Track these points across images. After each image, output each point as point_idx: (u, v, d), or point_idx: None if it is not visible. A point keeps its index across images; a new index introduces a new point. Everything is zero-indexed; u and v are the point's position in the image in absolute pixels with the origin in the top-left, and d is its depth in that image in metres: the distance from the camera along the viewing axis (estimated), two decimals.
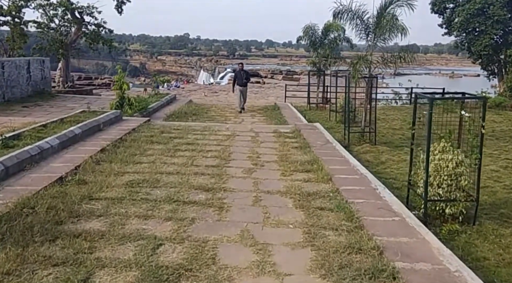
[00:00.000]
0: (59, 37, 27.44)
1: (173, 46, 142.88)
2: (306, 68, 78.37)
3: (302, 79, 54.38)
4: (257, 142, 9.36)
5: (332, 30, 17.65)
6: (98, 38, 28.75)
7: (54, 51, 27.33)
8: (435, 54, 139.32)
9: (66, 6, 26.35)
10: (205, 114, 15.40)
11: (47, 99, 18.57)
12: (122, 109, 13.09)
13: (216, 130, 10.47)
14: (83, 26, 28.03)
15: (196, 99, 31.88)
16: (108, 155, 7.62)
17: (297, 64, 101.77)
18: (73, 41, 28.39)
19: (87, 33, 28.50)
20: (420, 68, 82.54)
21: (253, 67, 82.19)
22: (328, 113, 16.67)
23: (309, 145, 8.77)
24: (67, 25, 28.22)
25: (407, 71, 62.89)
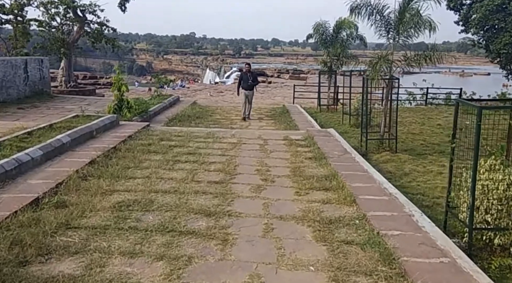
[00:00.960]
0: (60, 36, 26.66)
1: (179, 45, 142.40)
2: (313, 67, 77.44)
3: (309, 78, 53.33)
4: (266, 151, 8.38)
5: (344, 28, 16.63)
6: (100, 37, 27.93)
7: (55, 50, 26.54)
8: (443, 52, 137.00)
9: (67, 4, 25.49)
10: (210, 117, 14.44)
11: (45, 101, 17.71)
12: (120, 113, 12.15)
13: (220, 137, 9.50)
14: (86, 24, 27.22)
15: (202, 99, 31.01)
16: (98, 168, 6.67)
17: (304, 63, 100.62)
18: (76, 40, 27.57)
19: (90, 32, 27.72)
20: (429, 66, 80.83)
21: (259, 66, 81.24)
22: (340, 115, 15.68)
23: (325, 156, 7.77)
24: (69, 24, 27.43)
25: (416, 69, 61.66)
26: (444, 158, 9.90)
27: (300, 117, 14.22)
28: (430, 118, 16.05)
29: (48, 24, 26.42)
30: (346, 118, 14.41)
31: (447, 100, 22.25)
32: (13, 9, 25.17)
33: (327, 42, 17.09)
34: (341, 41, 16.93)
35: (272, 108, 16.90)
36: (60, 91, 26.67)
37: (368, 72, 10.11)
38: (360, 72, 15.69)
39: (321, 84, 18.12)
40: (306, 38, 17.46)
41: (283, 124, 13.01)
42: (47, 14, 26.19)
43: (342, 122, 14.07)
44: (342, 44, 16.85)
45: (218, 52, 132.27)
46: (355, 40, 17.06)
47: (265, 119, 14.30)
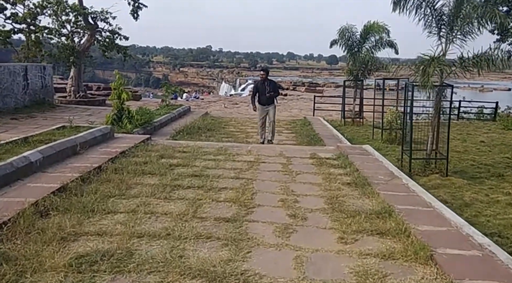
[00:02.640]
0: (70, 44, 25.41)
1: (195, 58, 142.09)
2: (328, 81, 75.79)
3: (325, 91, 51.53)
4: (291, 172, 6.56)
5: (373, 33, 14.82)
6: (112, 45, 26.63)
7: (64, 59, 25.28)
8: None
9: (78, 11, 24.22)
10: (222, 129, 12.70)
11: (45, 110, 16.20)
12: (119, 124, 10.49)
13: (234, 154, 7.72)
14: (97, 32, 25.95)
15: (216, 111, 29.31)
16: (68, 197, 4.93)
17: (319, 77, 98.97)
18: (86, 48, 26.27)
19: (101, 40, 26.45)
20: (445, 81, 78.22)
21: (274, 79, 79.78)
22: (367, 129, 13.83)
23: (368, 181, 5.92)
24: (80, 32, 26.20)
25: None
26: (506, 183, 7.98)
27: (324, 130, 12.39)
28: (469, 134, 14.10)
29: (58, 31, 25.24)
30: (376, 133, 12.52)
31: (480, 114, 20.23)
32: (25, 17, 24.08)
33: (353, 48, 15.28)
34: (369, 48, 15.12)
35: (291, 120, 15.09)
36: (68, 101, 25.32)
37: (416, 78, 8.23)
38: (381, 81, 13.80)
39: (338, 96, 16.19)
40: (329, 44, 15.77)
41: (306, 138, 11.19)
42: (57, 21, 25.03)
43: (373, 137, 12.16)
44: (370, 51, 15.04)
45: (234, 65, 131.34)
46: (385, 46, 15.20)
47: (284, 132, 12.49)
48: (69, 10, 24.41)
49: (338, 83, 64.87)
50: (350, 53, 15.40)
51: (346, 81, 15.98)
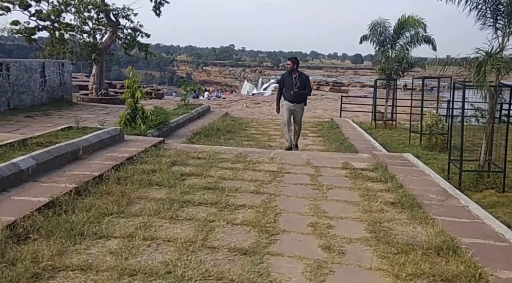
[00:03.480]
0: (92, 41, 25.00)
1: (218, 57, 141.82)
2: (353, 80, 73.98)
3: (350, 91, 50.11)
4: (321, 187, 5.58)
5: (408, 27, 13.64)
6: (133, 43, 26.10)
7: (85, 56, 24.88)
8: None
9: (99, 7, 23.71)
10: (243, 131, 11.77)
11: (62, 108, 15.59)
12: (133, 124, 9.68)
13: (255, 162, 6.77)
14: (118, 29, 25.45)
15: (237, 110, 28.46)
16: (55, 215, 4.08)
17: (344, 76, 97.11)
18: (108, 45, 25.83)
19: (122, 37, 25.95)
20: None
21: None
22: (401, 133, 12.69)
23: (417, 201, 4.88)
24: (101, 29, 25.76)
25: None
26: None
27: (355, 134, 11.33)
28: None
29: (80, 28, 24.85)
30: (414, 138, 11.35)
31: None
32: (49, 15, 23.80)
33: (385, 45, 14.14)
34: (403, 44, 13.95)
35: (317, 122, 14.04)
36: (90, 99, 24.90)
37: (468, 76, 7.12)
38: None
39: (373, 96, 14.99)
40: (359, 40, 14.64)
41: (335, 143, 10.16)
42: (79, 18, 24.63)
43: (409, 143, 11.00)
44: (405, 47, 13.86)
45: (256, 64, 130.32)
46: (421, 42, 13.98)
47: (310, 135, 11.49)
48: (91, 7, 23.96)
49: (363, 83, 63.30)
50: (382, 50, 14.25)
51: (378, 81, 14.77)
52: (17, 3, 22.89)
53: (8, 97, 13.99)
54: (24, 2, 22.98)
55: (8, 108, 13.87)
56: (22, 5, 23.03)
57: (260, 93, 65.52)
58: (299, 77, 8.63)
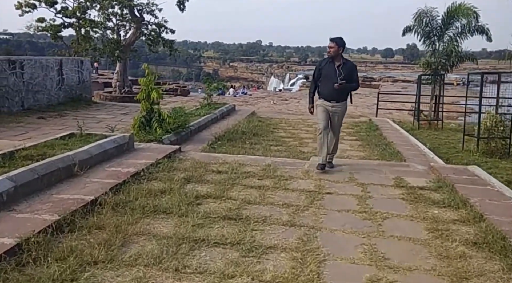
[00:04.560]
0: (115, 38, 24.31)
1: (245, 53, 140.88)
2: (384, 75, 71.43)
3: (382, 86, 48.15)
4: (374, 215, 4.32)
5: (458, 17, 12.10)
6: (158, 39, 25.27)
7: (108, 53, 24.20)
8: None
9: (123, 2, 22.91)
10: (271, 134, 10.55)
11: (79, 108, 14.73)
12: (147, 129, 8.62)
13: (286, 178, 5.57)
14: (143, 25, 24.65)
15: (264, 107, 27.27)
16: (16, 268, 3.00)
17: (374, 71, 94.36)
18: (132, 42, 25.07)
19: (146, 33, 25.15)
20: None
21: None
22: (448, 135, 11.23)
23: (508, 241, 3.59)
24: (125, 25, 25.02)
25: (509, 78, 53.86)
26: None
27: (398, 138, 9.95)
28: None
29: (104, 25, 24.18)
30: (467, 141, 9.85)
31: None
32: (75, 11, 23.26)
33: (431, 36, 12.62)
34: (452, 35, 12.41)
35: (353, 122, 12.67)
36: (113, 97, 24.24)
37: None
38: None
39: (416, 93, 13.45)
40: (402, 32, 13.11)
41: (377, 149, 8.82)
42: (103, 14, 23.97)
43: (463, 147, 9.52)
44: (454, 39, 12.32)
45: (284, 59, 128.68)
46: (473, 33, 12.38)
47: (347, 139, 10.17)
48: (115, 3, 23.21)
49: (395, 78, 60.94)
50: (429, 42, 12.73)
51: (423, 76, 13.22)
52: (43, 0, 22.49)
53: (22, 97, 13.20)
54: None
55: (22, 108, 13.08)
56: (48, 2, 22.67)
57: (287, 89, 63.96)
58: (344, 66, 6.03)
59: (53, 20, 23.41)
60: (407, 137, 10.03)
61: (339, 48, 6.04)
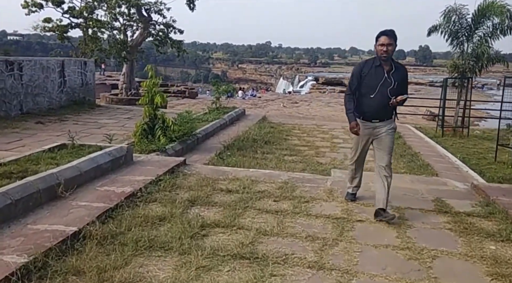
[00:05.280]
0: (122, 38, 23.67)
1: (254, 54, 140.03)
2: None
3: None
4: (420, 253, 3.50)
5: (490, 15, 11.17)
6: (166, 39, 24.58)
7: (115, 54, 23.60)
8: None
9: (130, 1, 22.23)
10: (284, 142, 9.75)
11: (81, 112, 14.03)
12: (149, 137, 7.87)
13: (307, 199, 4.77)
14: (150, 25, 23.99)
15: (273, 110, 26.52)
16: None
17: None
18: (139, 43, 24.42)
19: (154, 34, 24.47)
20: None
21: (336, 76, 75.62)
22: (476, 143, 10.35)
23: None
24: (133, 25, 24.35)
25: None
26: None
27: (424, 147, 9.11)
28: None
29: (110, 25, 23.54)
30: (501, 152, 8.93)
31: None
32: (82, 11, 22.67)
33: (460, 36, 11.70)
34: (482, 35, 11.49)
35: None
36: (119, 99, 23.63)
37: None
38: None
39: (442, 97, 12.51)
40: (427, 32, 12.18)
41: (402, 159, 7.98)
42: (110, 13, 23.31)
43: (496, 159, 8.61)
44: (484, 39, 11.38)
45: (293, 61, 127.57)
46: (507, 33, 11.41)
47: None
48: (122, 2, 22.56)
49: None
50: (457, 43, 11.79)
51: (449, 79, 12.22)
52: (50, 0, 21.95)
53: (21, 100, 12.51)
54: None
55: (20, 112, 12.40)
56: (55, 1, 22.07)
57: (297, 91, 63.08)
58: (396, 72, 4.42)
59: (60, 20, 22.85)
60: (434, 146, 9.18)
61: (394, 45, 4.39)
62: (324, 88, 55.14)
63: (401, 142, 9.63)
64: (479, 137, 11.43)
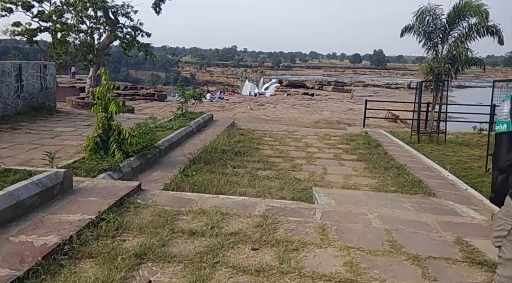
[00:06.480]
0: (88, 41, 21.77)
1: (221, 58, 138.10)
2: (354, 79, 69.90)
3: (354, 91, 46.59)
4: None
5: (465, 15, 10.12)
6: (133, 42, 22.78)
7: (80, 57, 21.70)
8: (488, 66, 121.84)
9: (96, 3, 20.40)
10: (255, 152, 8.34)
11: (38, 119, 12.14)
12: (101, 153, 6.28)
13: (296, 245, 3.36)
14: (117, 29, 22.13)
15: (241, 113, 25.11)
16: None
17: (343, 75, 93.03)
18: (106, 46, 22.45)
19: (121, 37, 22.62)
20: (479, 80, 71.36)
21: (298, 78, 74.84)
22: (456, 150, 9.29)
23: None
24: (99, 28, 22.43)
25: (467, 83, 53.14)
26: None
27: (407, 157, 7.90)
28: None
29: (77, 27, 21.65)
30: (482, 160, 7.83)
31: None
32: (51, 15, 20.84)
33: (434, 37, 10.61)
34: (457, 36, 10.44)
35: (347, 135, 10.54)
36: (86, 103, 21.61)
37: None
38: None
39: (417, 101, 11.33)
40: (400, 32, 11.06)
41: (388, 173, 6.71)
42: (76, 16, 21.44)
43: (486, 170, 7.45)
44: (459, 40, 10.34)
45: (258, 64, 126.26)
46: (483, 34, 10.38)
47: (347, 159, 8.04)
48: (89, 4, 20.73)
49: (365, 82, 59.46)
50: (431, 45, 10.70)
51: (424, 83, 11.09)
52: (19, 4, 20.67)
53: None
54: (27, 2, 20.87)
55: None
56: (24, 5, 20.96)
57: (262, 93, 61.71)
58: None
59: (29, 24, 21.28)
60: (417, 156, 7.98)
61: None
62: (288, 90, 54.00)
63: (382, 151, 8.39)
64: (455, 143, 10.38)
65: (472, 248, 3.37)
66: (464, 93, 39.72)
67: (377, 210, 4.32)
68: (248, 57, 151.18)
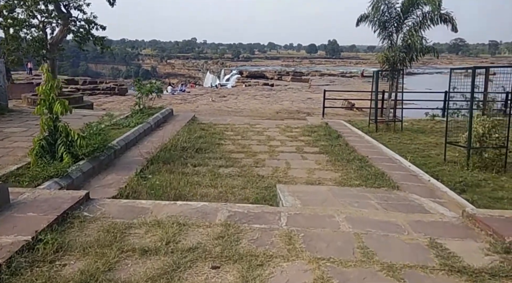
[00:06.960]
0: (40, 36, 20.33)
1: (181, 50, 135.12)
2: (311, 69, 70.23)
3: (312, 80, 46.68)
4: None
5: (419, 3, 9.94)
6: (87, 36, 21.46)
7: (33, 53, 20.26)
8: None
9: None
10: (217, 148, 7.84)
11: None
12: (48, 157, 5.59)
13: (260, 259, 2.94)
14: (70, 22, 20.74)
15: (203, 105, 24.42)
16: None
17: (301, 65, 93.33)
18: (59, 40, 20.98)
19: (75, 30, 21.26)
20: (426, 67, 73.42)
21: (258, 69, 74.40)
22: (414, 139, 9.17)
23: None
24: (52, 22, 20.98)
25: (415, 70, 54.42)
26: None
27: (368, 148, 7.65)
28: None
29: (27, 22, 20.11)
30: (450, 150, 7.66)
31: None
32: (1, 10, 19.15)
33: (389, 26, 10.41)
34: (412, 25, 10.27)
35: (307, 126, 10.22)
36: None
37: None
38: None
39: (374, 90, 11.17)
40: (356, 21, 10.81)
41: (351, 166, 6.41)
42: (26, 11, 19.91)
43: (445, 158, 7.31)
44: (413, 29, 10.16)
45: (218, 56, 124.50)
46: (436, 22, 10.25)
47: (309, 151, 7.70)
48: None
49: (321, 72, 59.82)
50: (386, 34, 10.50)
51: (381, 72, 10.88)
52: None
53: None
54: None
55: None
56: None
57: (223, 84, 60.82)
58: None
59: None
60: (377, 147, 7.75)
61: None
62: (248, 81, 53.43)
63: (343, 142, 8.10)
64: (411, 131, 10.29)
65: (447, 252, 3.07)
66: (413, 80, 40.57)
67: (345, 210, 3.97)
68: (208, 49, 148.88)
